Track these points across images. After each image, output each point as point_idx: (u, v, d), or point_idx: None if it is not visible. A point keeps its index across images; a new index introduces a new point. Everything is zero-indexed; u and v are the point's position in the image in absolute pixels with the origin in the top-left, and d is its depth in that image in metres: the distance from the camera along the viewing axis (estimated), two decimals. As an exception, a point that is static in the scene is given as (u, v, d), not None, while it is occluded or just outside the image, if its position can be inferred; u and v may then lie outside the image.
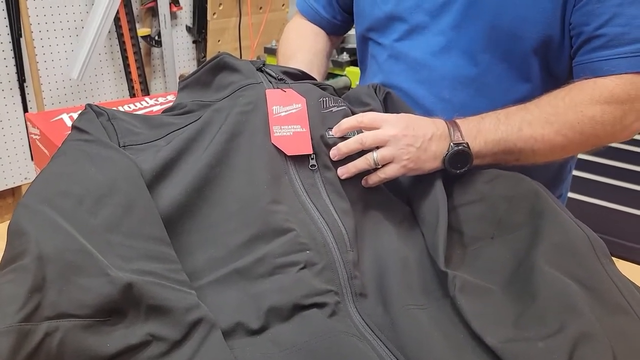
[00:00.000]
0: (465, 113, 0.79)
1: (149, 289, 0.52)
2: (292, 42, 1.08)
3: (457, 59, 0.87)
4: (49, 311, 0.48)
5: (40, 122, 0.90)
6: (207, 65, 0.79)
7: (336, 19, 1.08)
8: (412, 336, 0.57)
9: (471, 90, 0.87)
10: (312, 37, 1.08)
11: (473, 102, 0.86)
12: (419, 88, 0.91)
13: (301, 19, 1.11)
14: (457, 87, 0.88)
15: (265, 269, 0.61)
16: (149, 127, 0.72)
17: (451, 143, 0.74)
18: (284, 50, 1.07)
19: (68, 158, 0.64)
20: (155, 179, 0.65)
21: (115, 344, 0.50)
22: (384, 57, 0.96)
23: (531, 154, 0.78)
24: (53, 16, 2.17)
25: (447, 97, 0.89)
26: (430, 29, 0.88)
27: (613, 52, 0.77)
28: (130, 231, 0.58)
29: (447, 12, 0.86)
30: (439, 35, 0.87)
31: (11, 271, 0.50)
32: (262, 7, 2.78)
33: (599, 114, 0.76)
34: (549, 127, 0.76)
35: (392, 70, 0.94)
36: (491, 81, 0.86)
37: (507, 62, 0.85)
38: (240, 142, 0.69)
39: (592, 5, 0.77)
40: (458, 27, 0.85)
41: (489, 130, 0.76)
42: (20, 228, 0.53)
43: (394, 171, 0.73)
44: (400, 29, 0.91)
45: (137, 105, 0.99)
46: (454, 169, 0.74)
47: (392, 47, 0.93)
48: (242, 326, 0.57)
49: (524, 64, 0.85)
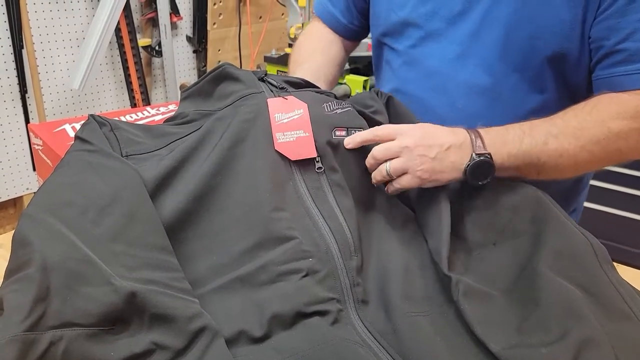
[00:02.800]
0: (478, 123, 0.78)
1: (152, 298, 0.52)
2: (304, 49, 1.07)
3: (472, 67, 0.86)
4: (53, 320, 0.48)
5: (43, 132, 0.90)
6: (209, 75, 0.79)
7: (353, 24, 1.07)
8: (414, 343, 0.57)
9: (485, 99, 0.86)
10: (325, 44, 1.07)
11: (486, 112, 0.86)
12: (433, 96, 0.90)
13: (318, 23, 1.11)
14: (471, 96, 0.87)
15: (267, 277, 0.61)
16: (151, 137, 0.72)
17: (473, 153, 0.72)
18: (295, 57, 1.06)
19: (71, 168, 0.64)
20: (157, 188, 0.65)
21: (119, 353, 0.50)
22: (398, 63, 0.95)
23: (554, 169, 0.76)
24: (54, 27, 2.18)
25: (460, 106, 0.88)
26: (445, 37, 0.87)
27: (634, 67, 0.76)
28: (133, 240, 0.58)
29: (464, 20, 0.85)
30: (454, 43, 0.86)
31: (16, 281, 0.50)
32: (262, 17, 2.80)
33: (625, 129, 0.75)
34: (575, 142, 0.74)
35: (406, 77, 0.93)
36: (505, 91, 0.85)
37: (522, 73, 0.84)
38: (242, 150, 0.69)
39: (613, 19, 0.76)
40: (474, 36, 0.84)
41: (513, 142, 0.74)
42: (25, 238, 0.53)
43: (408, 182, 0.72)
44: (415, 35, 0.90)
45: (139, 115, 1.00)
46: (475, 180, 0.73)
47: (407, 53, 0.92)
48: (244, 334, 0.57)
49: (539, 75, 0.84)
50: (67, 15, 2.21)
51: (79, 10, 2.23)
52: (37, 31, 2.13)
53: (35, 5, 2.10)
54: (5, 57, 2.07)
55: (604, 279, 0.61)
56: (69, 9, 2.20)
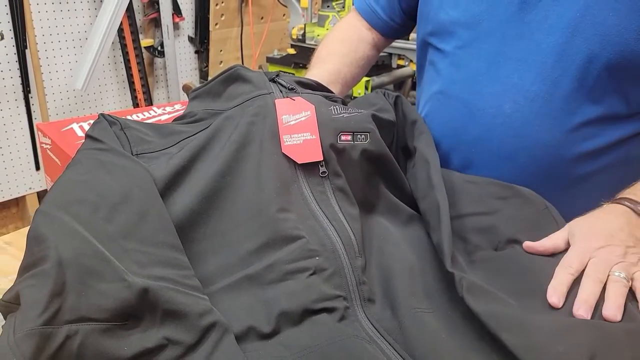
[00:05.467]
0: (524, 130, 0.75)
1: (164, 294, 0.53)
2: (331, 45, 1.05)
3: (524, 71, 0.81)
4: (69, 315, 0.49)
5: (52, 131, 0.91)
6: (220, 76, 0.80)
7: (394, 21, 1.04)
8: (420, 339, 0.58)
9: (535, 106, 0.81)
10: (353, 43, 1.04)
11: (535, 120, 0.81)
12: (479, 99, 0.85)
13: (353, 18, 1.08)
14: (519, 101, 0.82)
15: (275, 275, 0.62)
16: (160, 136, 0.73)
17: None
18: (320, 51, 1.04)
19: (83, 166, 0.65)
20: (167, 187, 0.66)
21: (132, 348, 0.51)
22: (444, 64, 0.91)
23: None
24: (58, 27, 2.19)
25: (508, 112, 0.83)
26: (497, 38, 0.83)
27: None
28: (145, 238, 0.59)
29: (519, 21, 0.81)
30: (506, 45, 0.82)
31: (32, 276, 0.51)
32: (264, 17, 2.81)
33: None
34: None
35: (451, 79, 0.89)
36: (558, 100, 0.80)
37: (578, 81, 0.78)
38: (249, 151, 0.70)
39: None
40: (529, 39, 0.80)
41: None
42: (40, 234, 0.54)
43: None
44: (466, 35, 0.86)
45: (145, 115, 1.01)
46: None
47: (454, 54, 0.88)
48: (253, 330, 0.58)
49: (596, 86, 0.78)
50: (70, 15, 2.22)
51: (82, 10, 2.24)
52: (41, 31, 2.14)
53: (38, 5, 2.11)
54: (8, 57, 2.08)
55: None
56: (72, 9, 2.21)
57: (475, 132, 0.75)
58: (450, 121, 0.88)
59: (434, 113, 0.92)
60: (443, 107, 0.91)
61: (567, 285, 0.61)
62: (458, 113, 0.88)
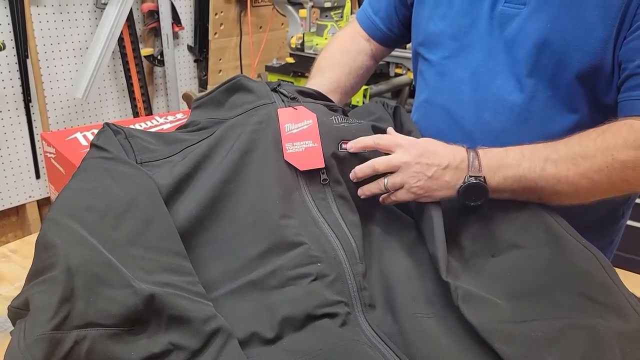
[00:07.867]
0: (505, 138, 0.78)
1: (170, 300, 0.54)
2: (330, 55, 1.07)
3: (502, 81, 0.84)
4: (77, 320, 0.50)
5: (56, 141, 0.92)
6: (223, 86, 0.81)
7: (392, 31, 1.07)
8: (420, 344, 0.59)
9: (514, 115, 0.84)
10: (352, 54, 1.07)
11: (514, 128, 0.84)
12: (461, 108, 0.89)
13: (353, 29, 1.11)
14: (499, 110, 0.85)
15: (278, 281, 0.63)
16: (164, 144, 0.74)
17: (467, 175, 0.73)
18: (320, 61, 1.06)
19: (89, 175, 0.66)
20: (171, 195, 0.67)
21: (139, 353, 0.51)
22: (430, 74, 0.94)
23: (553, 194, 0.74)
24: (58, 37, 2.20)
25: (488, 120, 0.86)
26: (479, 49, 0.86)
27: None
28: (150, 245, 0.60)
29: (499, 33, 0.84)
30: (487, 55, 0.86)
31: (41, 282, 0.52)
32: (262, 27, 2.83)
33: (632, 159, 0.71)
34: (574, 169, 0.72)
35: (437, 87, 0.93)
36: (535, 108, 0.83)
37: (552, 90, 0.81)
38: (252, 159, 0.71)
39: (638, 41, 0.74)
40: (506, 50, 0.83)
41: (510, 165, 0.74)
42: (49, 241, 0.55)
43: (403, 196, 0.74)
44: (451, 46, 0.90)
45: (148, 124, 1.02)
46: (467, 200, 0.73)
47: (440, 64, 0.92)
48: (257, 336, 0.59)
49: (570, 94, 0.81)
50: (71, 25, 2.23)
51: (83, 20, 2.25)
52: (42, 41, 2.15)
53: (39, 15, 2.12)
54: (10, 67, 2.08)
55: (613, 288, 0.63)
56: (73, 19, 2.22)
57: (456, 139, 0.78)
58: (434, 128, 0.90)
59: (421, 121, 0.95)
60: (428, 115, 0.95)
61: (365, 174, 0.75)
62: (441, 120, 0.90)
